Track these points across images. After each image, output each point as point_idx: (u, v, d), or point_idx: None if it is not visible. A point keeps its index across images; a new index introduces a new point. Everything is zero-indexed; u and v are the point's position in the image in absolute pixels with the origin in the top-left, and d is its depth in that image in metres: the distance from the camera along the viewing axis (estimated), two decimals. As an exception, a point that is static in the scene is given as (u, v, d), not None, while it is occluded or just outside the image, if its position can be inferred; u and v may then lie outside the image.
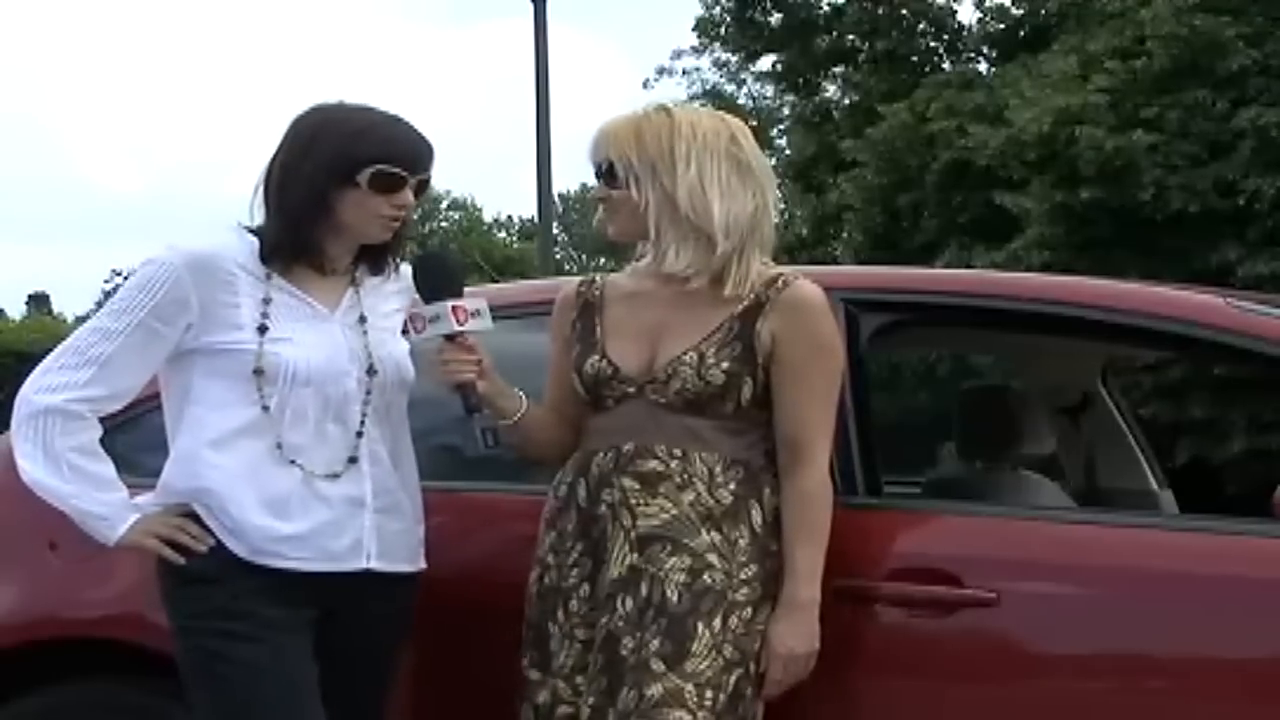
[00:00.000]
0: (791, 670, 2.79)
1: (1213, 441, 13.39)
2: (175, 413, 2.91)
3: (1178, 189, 13.36)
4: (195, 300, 2.82)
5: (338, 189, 2.83)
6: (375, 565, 2.88)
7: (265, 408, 2.81)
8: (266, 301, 2.85)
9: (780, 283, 2.86)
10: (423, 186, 2.90)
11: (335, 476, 2.86)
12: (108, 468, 2.86)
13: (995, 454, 3.92)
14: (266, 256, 2.87)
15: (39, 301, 45.68)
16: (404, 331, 2.94)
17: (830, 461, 2.89)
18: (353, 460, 2.87)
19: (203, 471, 2.83)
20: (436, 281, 2.88)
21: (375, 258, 2.97)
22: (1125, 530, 3.01)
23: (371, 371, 2.89)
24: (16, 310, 43.25)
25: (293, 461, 2.82)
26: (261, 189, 2.90)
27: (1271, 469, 12.12)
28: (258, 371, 2.81)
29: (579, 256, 44.66)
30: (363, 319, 2.93)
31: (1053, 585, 2.90)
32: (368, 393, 2.89)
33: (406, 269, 3.00)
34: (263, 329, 2.83)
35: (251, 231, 2.91)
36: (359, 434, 2.88)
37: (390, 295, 2.99)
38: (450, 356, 2.83)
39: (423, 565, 2.99)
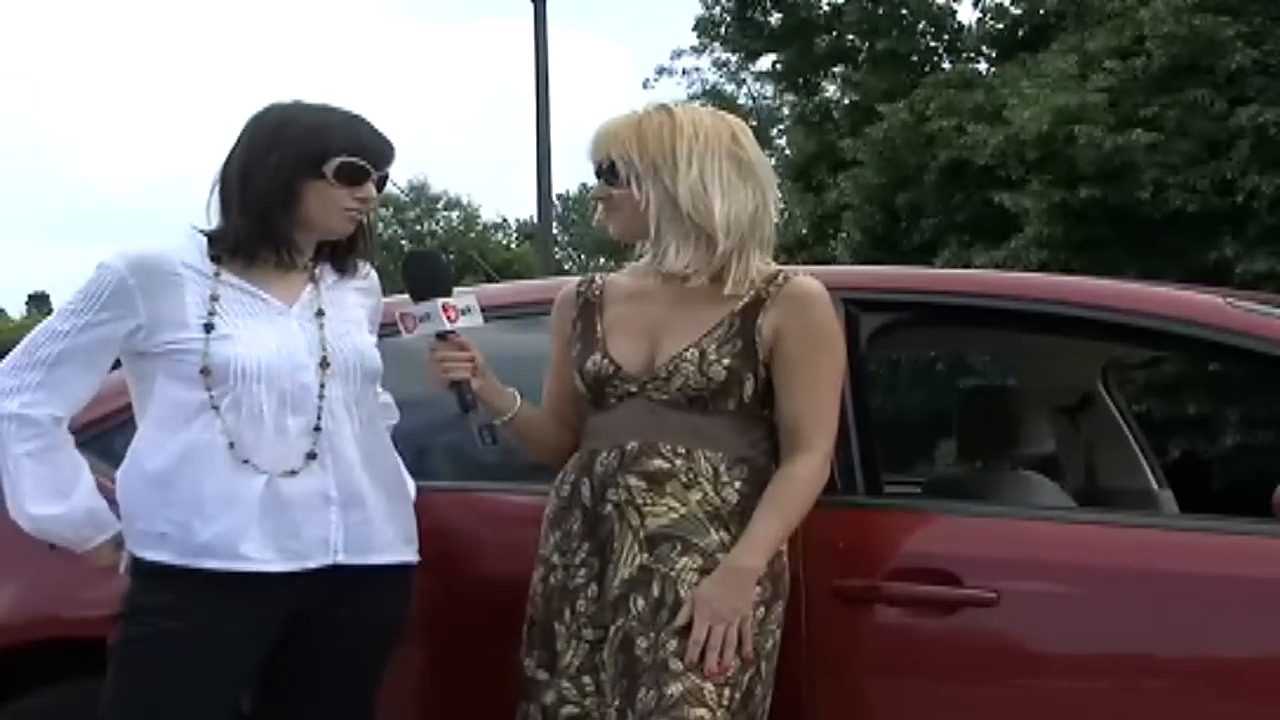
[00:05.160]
0: (716, 633, 2.70)
1: (1205, 437, 13.40)
2: (139, 410, 2.89)
3: (1176, 188, 13.37)
4: (141, 302, 2.80)
5: (304, 180, 2.82)
6: (343, 559, 2.83)
7: (215, 407, 2.77)
8: (214, 299, 2.82)
9: (780, 278, 2.85)
10: (381, 184, 2.90)
11: (294, 473, 2.81)
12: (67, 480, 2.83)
13: (995, 454, 3.92)
14: (228, 253, 2.84)
15: (39, 301, 45.70)
16: (387, 333, 2.93)
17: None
18: (312, 455, 2.82)
19: (157, 472, 2.79)
20: (426, 280, 2.87)
21: (337, 256, 2.95)
22: (1125, 530, 3.01)
23: (325, 364, 2.85)
24: (16, 310, 43.31)
25: (246, 461, 2.78)
26: (219, 188, 2.87)
27: (1261, 464, 12.14)
28: (204, 371, 2.78)
29: (578, 256, 44.61)
30: (320, 313, 2.90)
31: (1053, 585, 2.90)
32: (321, 385, 2.84)
33: (371, 271, 3.00)
34: (209, 326, 2.80)
35: (204, 234, 2.88)
36: (317, 428, 2.83)
37: (353, 290, 2.98)
38: (443, 354, 2.83)
39: (406, 558, 2.93)
